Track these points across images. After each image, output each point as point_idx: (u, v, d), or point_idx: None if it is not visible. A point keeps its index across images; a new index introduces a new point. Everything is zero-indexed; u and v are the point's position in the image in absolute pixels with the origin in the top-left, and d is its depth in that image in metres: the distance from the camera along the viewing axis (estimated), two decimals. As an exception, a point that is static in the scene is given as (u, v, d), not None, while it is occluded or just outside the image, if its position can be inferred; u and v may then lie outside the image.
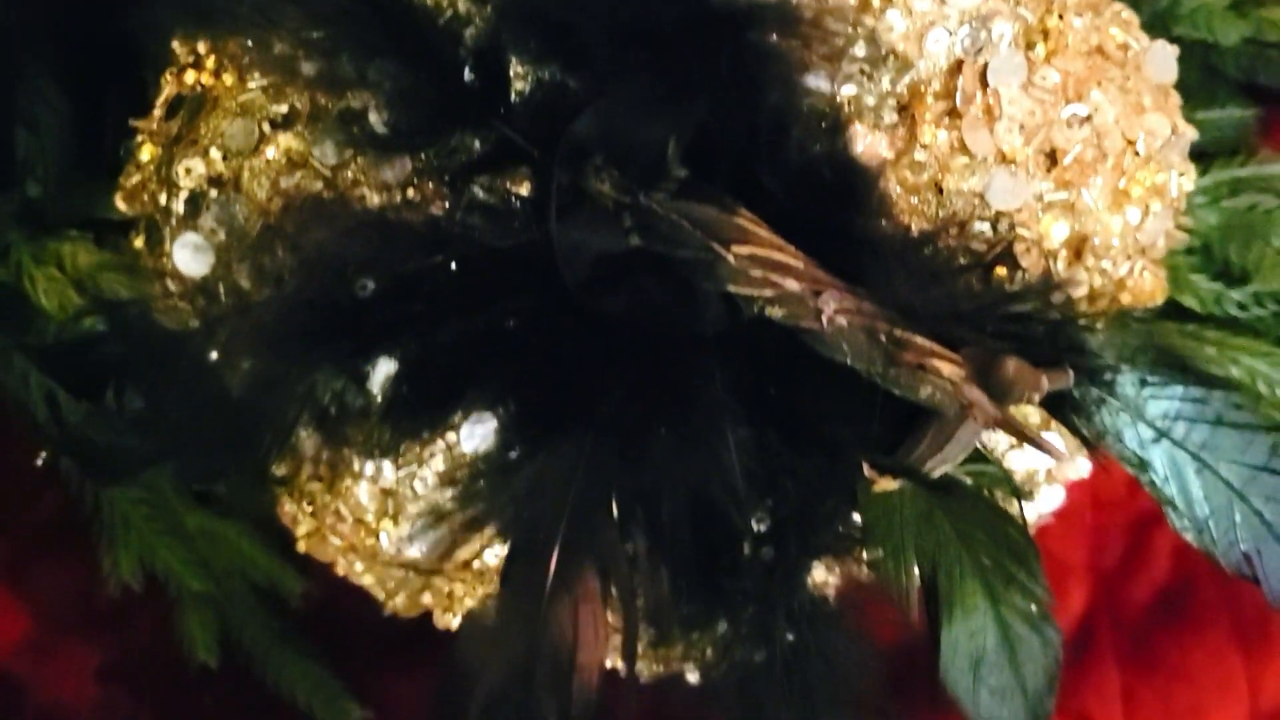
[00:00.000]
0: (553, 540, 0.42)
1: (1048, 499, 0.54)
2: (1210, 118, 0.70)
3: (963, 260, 0.47)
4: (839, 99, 0.46)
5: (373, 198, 0.45)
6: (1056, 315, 0.46)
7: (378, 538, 0.49)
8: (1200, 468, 0.48)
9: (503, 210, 0.45)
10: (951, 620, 0.48)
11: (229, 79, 0.47)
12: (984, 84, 0.46)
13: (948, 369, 0.43)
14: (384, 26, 0.43)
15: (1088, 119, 0.47)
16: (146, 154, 0.49)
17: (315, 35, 0.43)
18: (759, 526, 0.47)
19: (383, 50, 0.43)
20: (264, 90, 0.46)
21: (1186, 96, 0.54)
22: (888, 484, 0.46)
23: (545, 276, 0.45)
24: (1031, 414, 0.49)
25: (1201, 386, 0.47)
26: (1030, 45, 0.47)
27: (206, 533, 0.67)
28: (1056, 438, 0.48)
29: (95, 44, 0.61)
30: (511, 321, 0.45)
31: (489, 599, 0.42)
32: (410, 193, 0.45)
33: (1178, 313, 0.68)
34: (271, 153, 0.46)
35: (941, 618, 0.48)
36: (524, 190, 0.45)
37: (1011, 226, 0.47)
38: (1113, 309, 0.50)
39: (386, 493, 0.48)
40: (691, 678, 0.54)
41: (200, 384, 0.44)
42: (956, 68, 0.46)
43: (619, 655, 0.47)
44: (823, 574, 0.52)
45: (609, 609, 0.44)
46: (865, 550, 0.49)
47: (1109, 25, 0.50)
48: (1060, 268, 0.48)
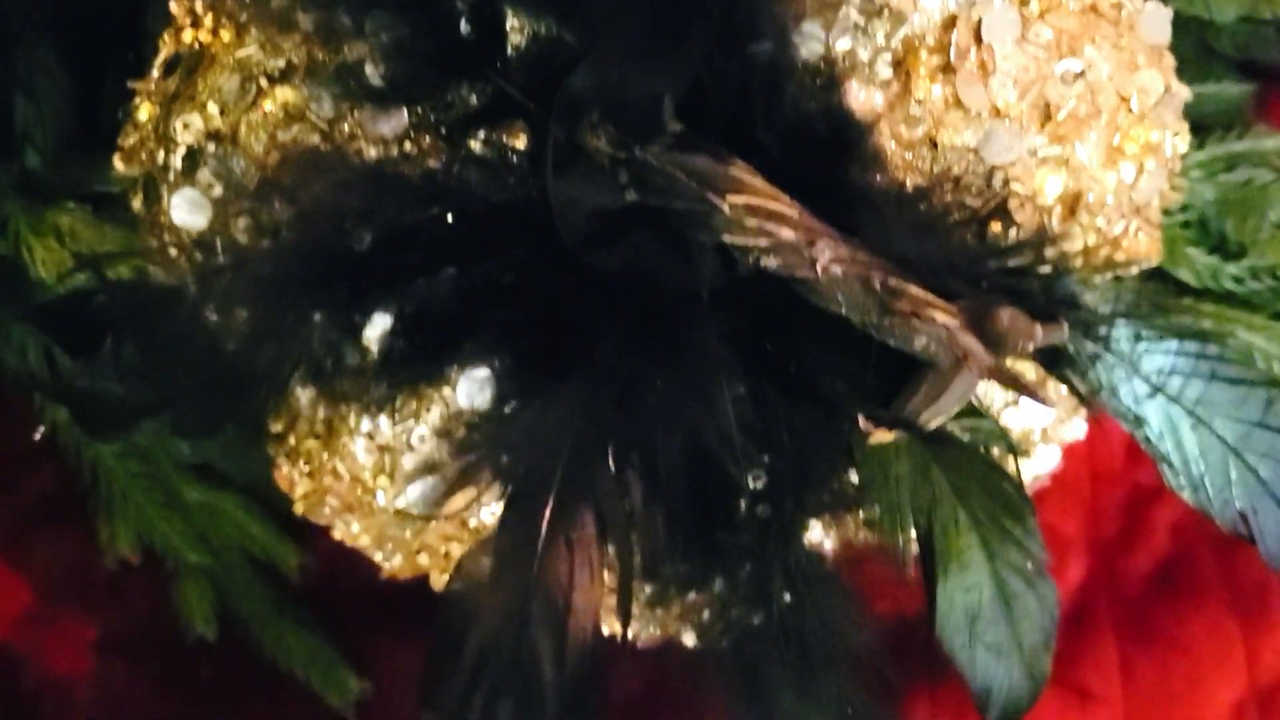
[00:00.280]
0: (549, 485, 0.42)
1: (1044, 459, 0.54)
2: (1206, 93, 0.70)
3: (957, 215, 0.47)
4: (833, 53, 0.46)
5: (370, 151, 0.45)
6: (1051, 270, 0.46)
7: (375, 495, 0.49)
8: (1195, 423, 0.48)
9: (499, 165, 0.45)
10: (947, 575, 0.48)
11: (226, 35, 0.47)
12: (978, 39, 0.46)
13: (942, 318, 0.43)
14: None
15: (1081, 75, 0.47)
16: (144, 113, 0.49)
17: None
18: (755, 484, 0.47)
19: (379, 2, 0.43)
20: (261, 46, 0.46)
21: (1182, 72, 0.54)
22: (883, 436, 0.46)
23: (542, 230, 0.45)
24: (1027, 370, 0.49)
25: (1196, 341, 0.47)
26: (1024, 1, 0.47)
27: (204, 506, 0.68)
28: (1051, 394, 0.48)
29: (94, 13, 0.61)
30: (508, 275, 0.45)
31: (485, 542, 0.41)
32: (407, 146, 0.45)
33: (1174, 286, 0.68)
34: (269, 106, 0.46)
35: (937, 573, 0.48)
36: (520, 144, 0.46)
37: (1006, 182, 0.47)
38: (1107, 269, 0.50)
39: (384, 449, 0.48)
40: (688, 640, 0.54)
41: (196, 336, 0.44)
42: (951, 22, 0.46)
43: (615, 617, 0.47)
44: (819, 534, 0.52)
45: (605, 563, 0.44)
46: (861, 508, 0.49)
47: (1103, -16, 0.50)
48: (1054, 224, 0.48)
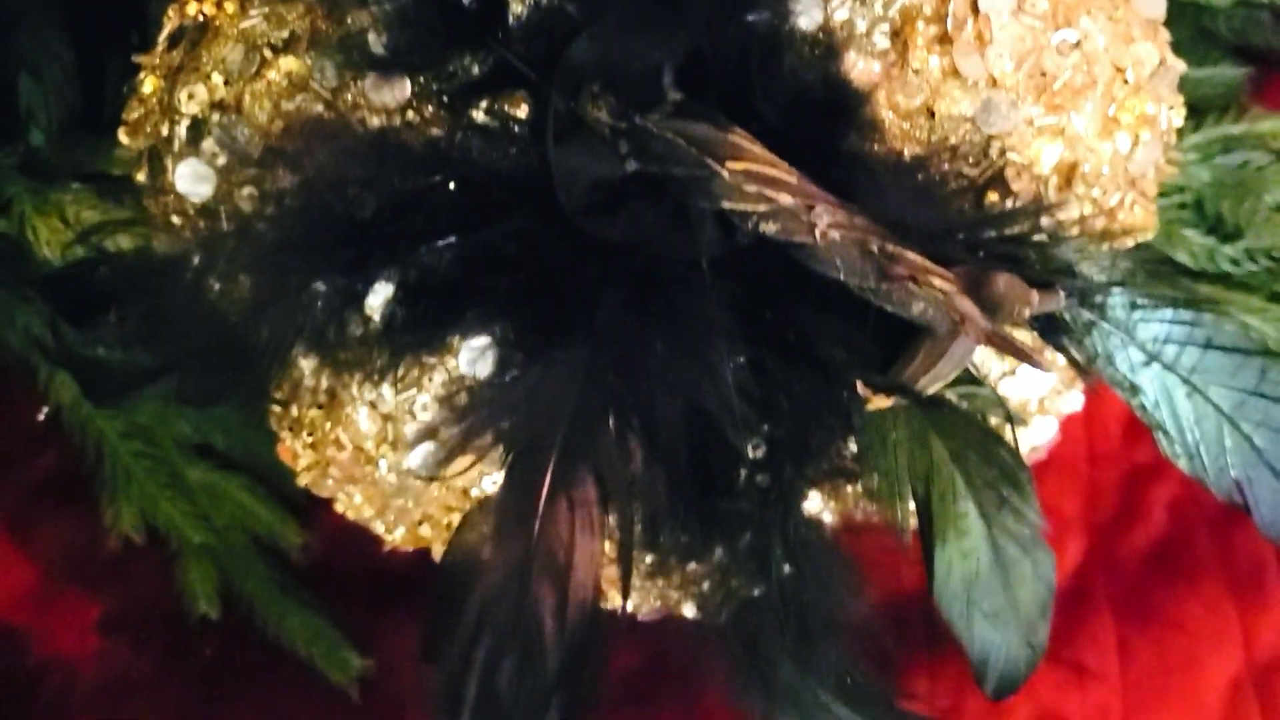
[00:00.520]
0: (550, 447, 0.42)
1: (1041, 430, 0.54)
2: (1202, 77, 0.70)
3: (954, 184, 0.47)
4: (831, 23, 0.46)
5: (373, 120, 0.46)
6: (1047, 238, 0.47)
7: (377, 465, 0.50)
8: (1190, 391, 0.48)
9: (501, 134, 0.46)
10: (945, 542, 0.48)
11: (230, 7, 0.47)
12: (975, 9, 0.47)
13: (939, 283, 0.43)
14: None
15: (1077, 45, 0.48)
16: (149, 86, 0.50)
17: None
18: (754, 453, 0.48)
19: (383, -30, 0.44)
20: (265, 17, 0.47)
21: (1179, 56, 0.54)
22: (881, 403, 0.47)
23: (543, 199, 0.45)
24: (1024, 339, 0.49)
25: (1192, 309, 0.48)
26: (1020, -28, 0.48)
27: (207, 486, 0.68)
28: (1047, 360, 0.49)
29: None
30: (509, 243, 0.45)
31: (486, 501, 0.42)
32: (410, 115, 0.46)
33: (1171, 268, 0.68)
34: (273, 76, 0.46)
35: (935, 540, 0.48)
36: (522, 113, 0.46)
37: (1003, 151, 0.48)
38: (1103, 240, 0.50)
39: (386, 417, 0.49)
40: (688, 612, 0.54)
41: (199, 304, 0.45)
42: (948, -8, 0.47)
43: (616, 590, 0.47)
44: (818, 504, 0.53)
45: (605, 528, 0.45)
46: (860, 477, 0.49)
47: (1098, -43, 0.51)
48: (1051, 194, 0.49)
